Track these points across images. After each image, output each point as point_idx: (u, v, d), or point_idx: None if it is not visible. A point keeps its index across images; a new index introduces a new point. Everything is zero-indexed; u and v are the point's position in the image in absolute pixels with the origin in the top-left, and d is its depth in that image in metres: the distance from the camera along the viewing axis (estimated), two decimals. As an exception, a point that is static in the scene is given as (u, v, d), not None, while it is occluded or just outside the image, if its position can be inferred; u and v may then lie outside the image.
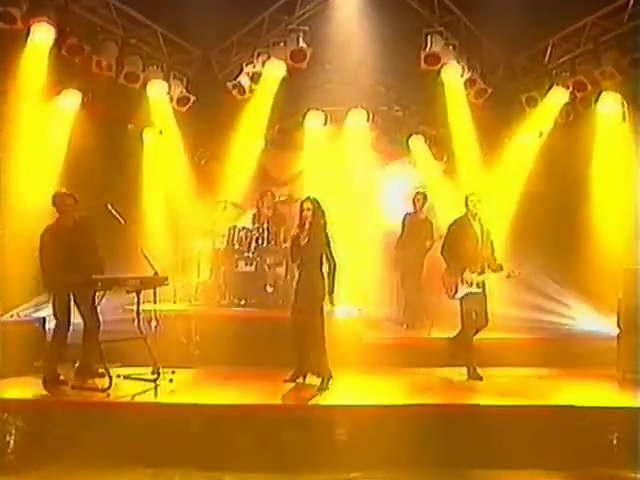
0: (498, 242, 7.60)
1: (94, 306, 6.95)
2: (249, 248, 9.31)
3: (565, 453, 5.76)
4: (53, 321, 7.02)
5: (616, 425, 5.93)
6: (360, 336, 8.32)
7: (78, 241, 6.86)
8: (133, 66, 9.07)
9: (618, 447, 5.83)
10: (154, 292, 7.50)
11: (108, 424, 5.85)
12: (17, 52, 8.19)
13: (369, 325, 8.94)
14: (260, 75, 9.51)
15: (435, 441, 5.78)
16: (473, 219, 7.38)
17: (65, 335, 6.90)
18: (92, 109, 9.43)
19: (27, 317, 8.06)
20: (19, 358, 7.17)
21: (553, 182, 9.90)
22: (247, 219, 10.03)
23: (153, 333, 7.93)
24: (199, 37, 9.56)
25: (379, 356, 7.77)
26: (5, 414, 5.97)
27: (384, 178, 11.20)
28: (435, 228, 9.63)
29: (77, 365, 7.08)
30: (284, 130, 10.94)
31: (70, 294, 6.88)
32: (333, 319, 8.04)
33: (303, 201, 6.98)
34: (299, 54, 8.95)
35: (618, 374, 7.31)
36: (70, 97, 9.29)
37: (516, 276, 7.45)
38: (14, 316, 7.96)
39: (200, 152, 10.77)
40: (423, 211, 9.73)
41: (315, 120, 10.69)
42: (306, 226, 6.87)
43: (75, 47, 8.42)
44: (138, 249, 7.14)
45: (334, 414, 6.14)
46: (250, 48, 9.66)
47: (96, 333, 6.88)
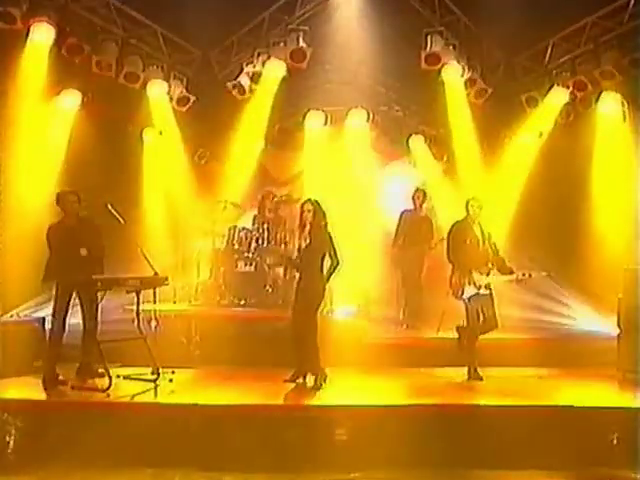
0: (498, 242, 7.55)
1: (97, 306, 6.96)
2: (249, 248, 9.31)
3: (565, 453, 5.74)
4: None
5: (616, 425, 5.92)
6: (360, 336, 8.32)
7: (82, 240, 6.87)
8: (133, 66, 9.07)
9: (618, 447, 5.82)
10: (154, 292, 7.50)
11: (108, 424, 5.83)
12: (17, 52, 8.19)
13: (369, 325, 8.94)
14: (260, 75, 9.51)
15: (435, 441, 5.77)
16: (473, 223, 7.34)
17: (61, 335, 6.91)
18: (92, 109, 9.43)
19: (27, 317, 8.05)
20: (19, 358, 7.17)
21: (553, 182, 9.87)
22: (247, 219, 10.03)
23: (153, 333, 7.92)
24: (199, 37, 9.56)
25: (379, 356, 7.76)
26: (5, 414, 5.96)
27: (384, 178, 11.18)
28: (435, 228, 9.63)
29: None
30: (284, 130, 10.93)
31: (73, 293, 6.88)
32: (333, 319, 8.06)
33: (303, 203, 6.96)
34: (299, 54, 8.95)
35: (618, 374, 7.32)
36: (70, 97, 9.29)
37: (527, 280, 7.34)
38: (14, 316, 7.95)
39: (200, 152, 10.76)
40: (423, 209, 9.70)
41: (315, 120, 10.68)
42: (307, 228, 6.86)
43: (75, 47, 8.42)
44: (138, 249, 7.14)
45: (334, 414, 6.13)
46: (250, 48, 9.66)
47: (94, 333, 6.89)
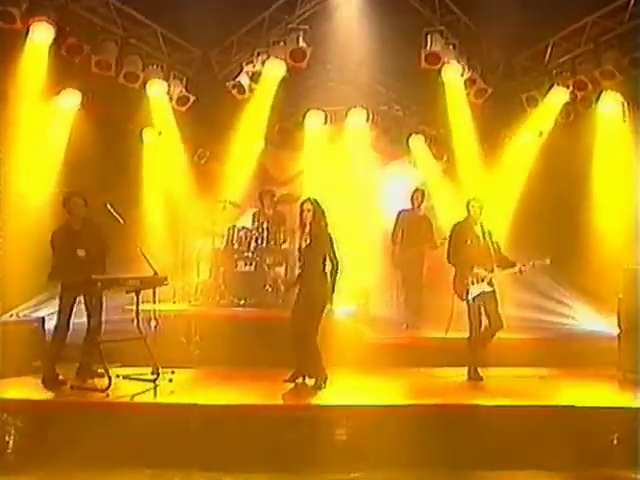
0: (498, 242, 7.55)
1: (101, 307, 6.98)
2: (249, 248, 9.31)
3: (565, 453, 5.73)
4: (53, 321, 7.02)
5: (616, 425, 5.92)
6: (360, 336, 8.33)
7: (87, 242, 6.89)
8: (133, 66, 9.06)
9: (618, 447, 5.82)
10: (154, 292, 7.48)
11: (108, 424, 5.83)
12: (16, 52, 8.18)
13: (369, 325, 8.94)
14: (260, 75, 9.50)
15: (435, 441, 5.77)
16: (475, 224, 7.33)
17: (65, 335, 6.93)
18: (92, 109, 9.42)
19: (27, 317, 8.04)
20: (19, 358, 7.16)
21: (553, 182, 9.87)
22: (247, 219, 10.02)
23: (153, 333, 7.89)
24: (199, 37, 9.55)
25: (379, 356, 7.77)
26: (5, 414, 5.96)
27: (384, 178, 11.18)
28: (435, 228, 9.62)
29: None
30: (284, 130, 10.92)
31: (79, 295, 6.88)
32: (333, 319, 8.03)
33: (303, 202, 6.93)
34: (299, 53, 8.94)
35: (618, 374, 7.31)
36: (70, 97, 9.28)
37: (528, 270, 7.30)
38: (14, 316, 7.94)
39: (200, 152, 10.76)
40: (421, 209, 9.69)
41: (315, 120, 10.68)
42: (306, 227, 6.85)
43: (75, 47, 8.42)
44: (138, 249, 7.14)
45: (334, 414, 6.12)
46: (250, 48, 9.65)
47: (98, 333, 6.90)
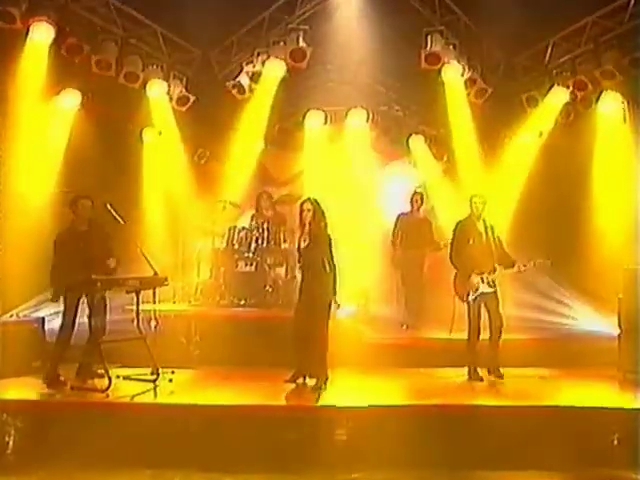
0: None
1: (105, 307, 6.98)
2: (249, 248, 9.30)
3: (565, 453, 5.72)
4: (54, 321, 7.02)
5: (616, 425, 5.92)
6: (360, 336, 8.32)
7: (93, 244, 6.91)
8: (133, 66, 9.05)
9: (618, 448, 5.82)
10: (154, 292, 7.48)
11: (108, 425, 5.83)
12: (16, 52, 8.17)
13: (369, 325, 8.94)
14: (260, 75, 9.49)
15: (435, 441, 5.77)
16: (477, 220, 7.32)
17: (69, 336, 6.93)
18: (92, 109, 9.42)
19: (26, 317, 8.03)
20: (18, 358, 7.17)
21: (553, 182, 9.87)
22: (247, 219, 10.01)
23: (153, 333, 7.90)
24: (199, 37, 9.54)
25: (379, 356, 7.75)
26: (4, 414, 5.96)
27: (384, 178, 11.17)
28: (435, 228, 9.62)
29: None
30: (284, 130, 10.92)
31: (83, 296, 6.88)
32: (333, 319, 8.01)
33: (303, 202, 6.92)
34: (299, 53, 8.93)
35: (619, 374, 7.31)
36: (70, 97, 9.27)
37: (529, 269, 7.32)
38: (13, 316, 7.93)
39: (200, 152, 10.75)
40: (420, 211, 9.69)
41: (315, 120, 10.67)
42: (306, 227, 6.85)
43: (75, 47, 8.41)
44: (138, 249, 7.14)
45: (334, 414, 6.12)
46: (250, 48, 9.64)
47: (102, 334, 6.90)
